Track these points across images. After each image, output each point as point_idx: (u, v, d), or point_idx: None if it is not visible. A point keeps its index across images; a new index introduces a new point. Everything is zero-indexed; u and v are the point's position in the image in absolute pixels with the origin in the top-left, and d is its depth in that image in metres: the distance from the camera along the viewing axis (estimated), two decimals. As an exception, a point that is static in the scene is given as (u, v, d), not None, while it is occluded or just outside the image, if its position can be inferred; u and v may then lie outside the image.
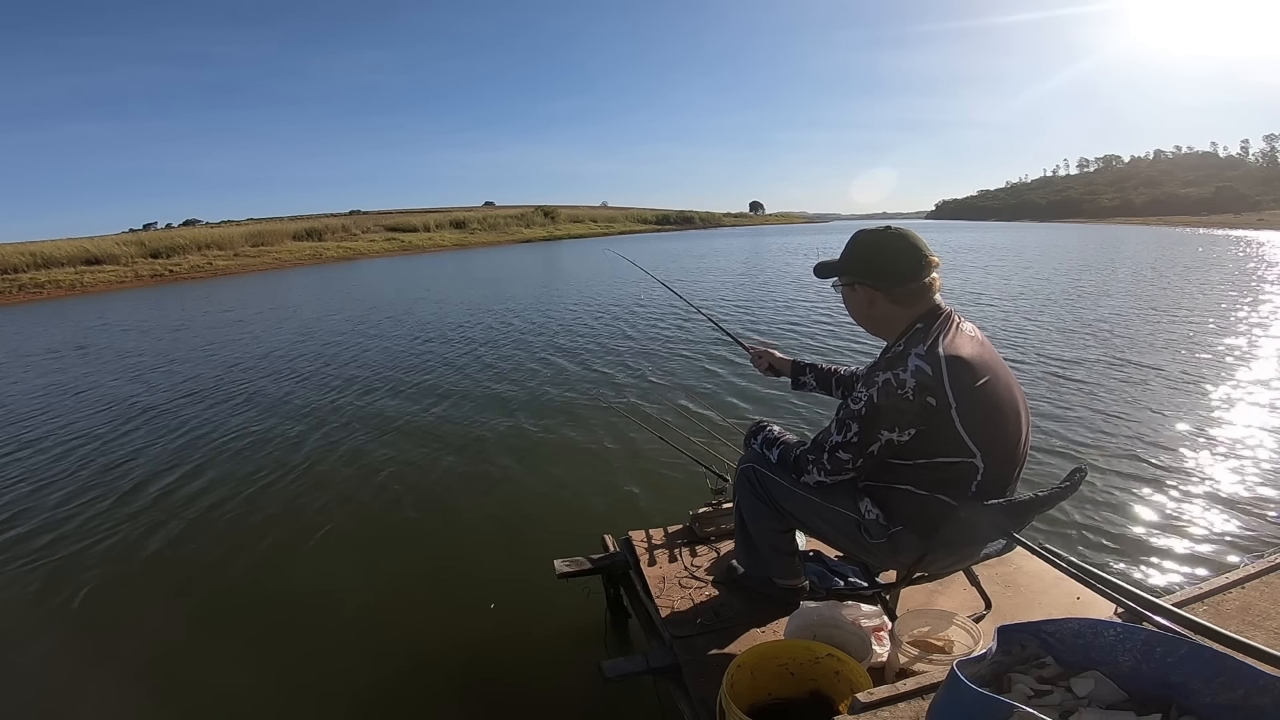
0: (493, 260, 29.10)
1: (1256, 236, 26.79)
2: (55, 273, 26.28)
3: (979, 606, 1.66)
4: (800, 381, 1.87)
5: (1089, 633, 0.91)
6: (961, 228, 53.31)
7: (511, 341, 8.11)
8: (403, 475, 3.89)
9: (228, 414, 5.45)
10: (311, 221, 45.83)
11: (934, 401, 1.25)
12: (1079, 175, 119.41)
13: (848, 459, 1.36)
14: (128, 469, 4.25)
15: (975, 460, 1.29)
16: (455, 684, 2.15)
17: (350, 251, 38.91)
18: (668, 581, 1.90)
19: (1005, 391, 1.33)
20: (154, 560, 3.05)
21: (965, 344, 1.30)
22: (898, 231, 1.40)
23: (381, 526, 3.29)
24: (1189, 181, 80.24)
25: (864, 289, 1.41)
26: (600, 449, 4.07)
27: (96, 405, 6.05)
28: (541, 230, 57.03)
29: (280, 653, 2.34)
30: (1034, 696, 0.87)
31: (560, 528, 3.06)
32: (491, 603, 2.52)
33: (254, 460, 4.26)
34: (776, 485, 1.54)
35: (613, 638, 2.30)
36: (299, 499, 3.62)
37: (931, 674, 1.07)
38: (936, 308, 1.36)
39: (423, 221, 51.27)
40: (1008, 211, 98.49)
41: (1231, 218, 46.49)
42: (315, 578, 2.82)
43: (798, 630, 1.46)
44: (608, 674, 1.66)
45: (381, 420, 5.02)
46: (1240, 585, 1.25)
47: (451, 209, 65.22)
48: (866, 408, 1.31)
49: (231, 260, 32.77)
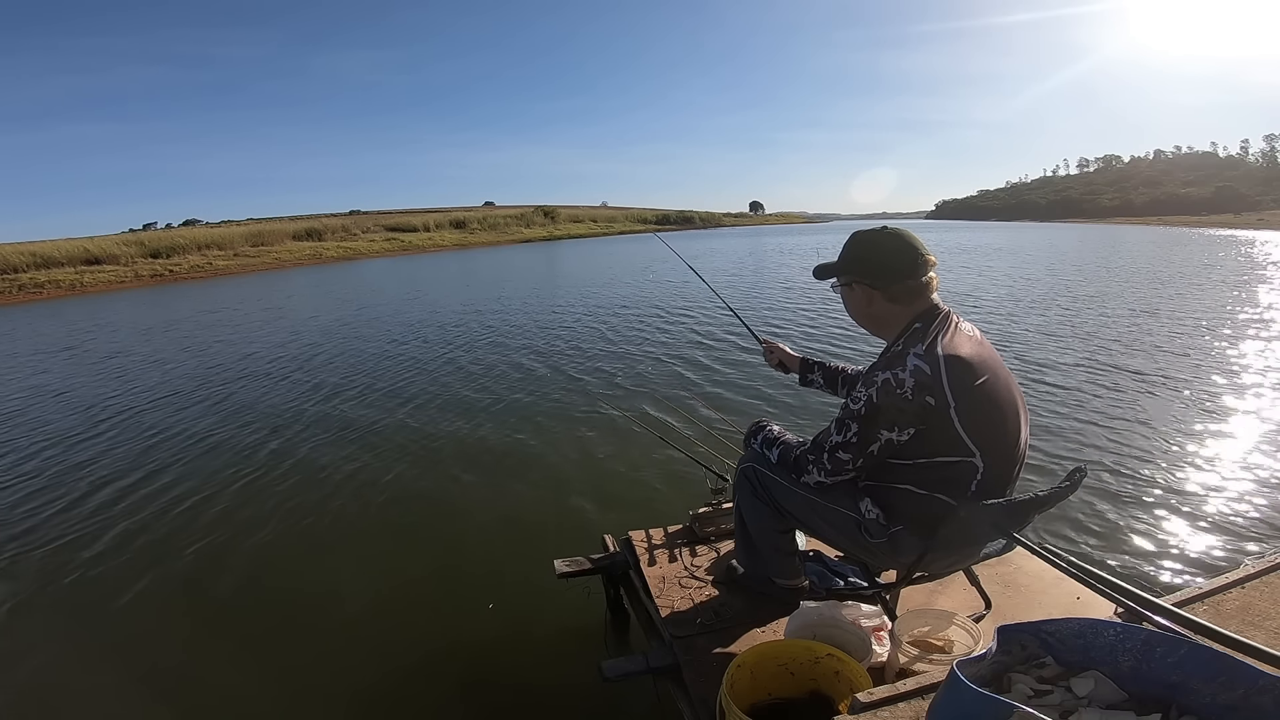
0: (493, 260, 29.10)
1: (1257, 236, 26.79)
2: (55, 273, 26.28)
3: (979, 606, 1.66)
4: (808, 379, 1.86)
5: (1089, 633, 0.91)
6: (961, 228, 53.32)
7: (511, 342, 8.11)
8: (403, 475, 3.89)
9: (231, 412, 5.45)
10: (311, 221, 45.82)
11: (933, 401, 1.25)
12: (1079, 175, 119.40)
13: (847, 459, 1.36)
14: (135, 466, 4.25)
15: (975, 459, 1.29)
16: (456, 684, 2.15)
17: (350, 251, 38.91)
18: (668, 581, 1.90)
19: (1004, 391, 1.33)
20: (154, 560, 3.04)
21: (964, 343, 1.30)
22: (893, 231, 1.41)
23: (382, 527, 3.29)
24: (1189, 181, 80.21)
25: (861, 288, 1.41)
26: (600, 449, 4.06)
27: (92, 403, 6.05)
28: (541, 230, 57.04)
29: (281, 653, 2.34)
30: (1034, 696, 0.87)
31: (560, 528, 3.06)
32: (491, 602, 2.52)
33: (255, 459, 4.26)
34: (777, 485, 1.54)
35: (613, 638, 2.30)
36: (300, 500, 3.62)
37: (931, 674, 1.07)
38: (935, 307, 1.37)
39: (423, 221, 51.29)
40: (1008, 212, 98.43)
41: (1231, 218, 46.48)
42: (315, 578, 2.82)
43: (798, 630, 1.46)
44: (608, 674, 1.66)
45: (381, 421, 5.01)
46: (1240, 585, 1.25)
47: (451, 209, 65.24)
48: (866, 407, 1.31)
49: (231, 260, 32.77)
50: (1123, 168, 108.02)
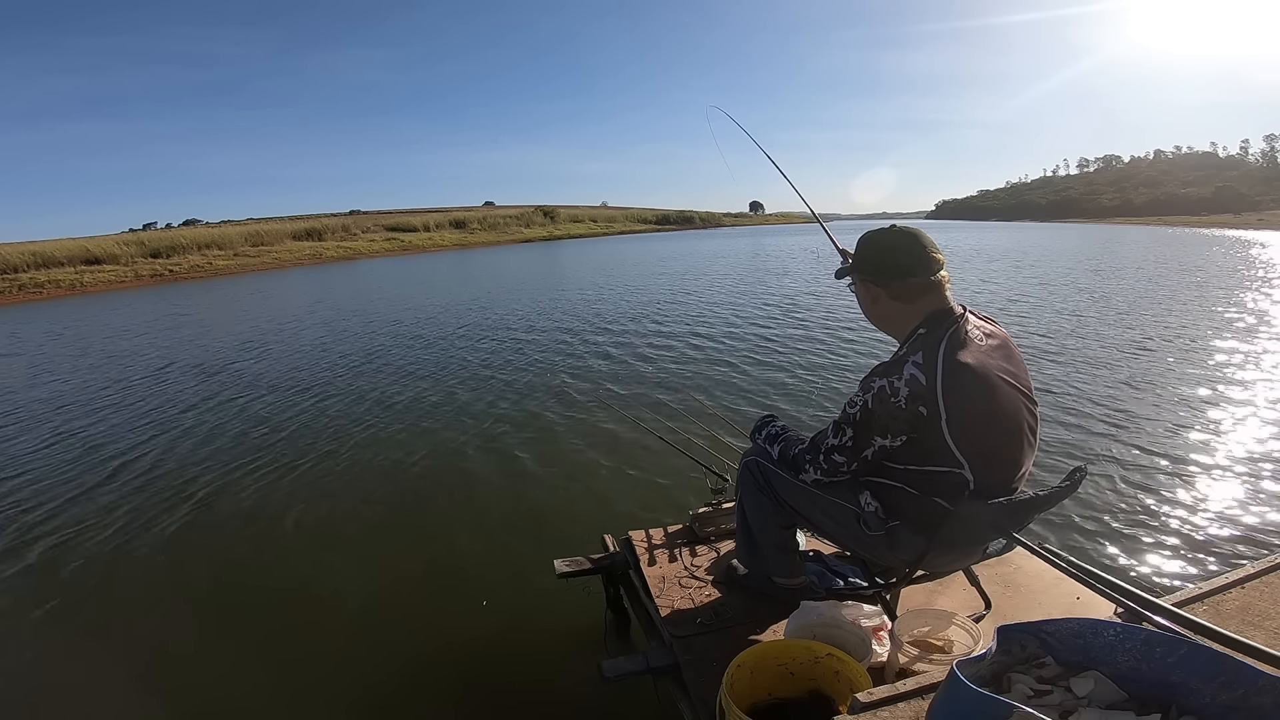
0: (493, 260, 29.10)
1: (1257, 237, 26.77)
2: (55, 272, 26.30)
3: (979, 606, 1.65)
4: None
5: (1089, 633, 0.91)
6: (961, 228, 53.32)
7: (511, 342, 8.11)
8: (402, 475, 3.89)
9: (232, 414, 5.46)
10: (311, 221, 45.84)
11: (925, 411, 1.25)
12: (1079, 175, 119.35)
13: (842, 461, 1.38)
14: (136, 465, 4.26)
15: (964, 471, 1.28)
16: (456, 684, 2.15)
17: (350, 251, 38.93)
18: (668, 581, 1.90)
19: (1006, 402, 1.31)
20: (153, 561, 3.04)
21: (970, 351, 1.28)
22: (901, 229, 1.41)
23: (382, 527, 3.29)
24: (1189, 181, 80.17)
25: (866, 285, 1.42)
26: (600, 449, 4.06)
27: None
28: (541, 230, 57.06)
29: (282, 652, 2.34)
30: (1034, 696, 0.87)
31: (560, 528, 3.06)
32: (491, 602, 2.52)
33: (256, 459, 4.26)
34: (779, 478, 1.55)
35: (613, 638, 2.29)
36: (300, 500, 3.62)
37: (931, 674, 1.07)
38: (946, 309, 1.34)
39: (422, 221, 51.31)
40: (1008, 211, 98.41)
41: (1231, 218, 46.47)
42: (316, 578, 2.82)
43: (798, 630, 1.46)
44: (607, 674, 1.66)
45: (380, 422, 5.01)
46: (1240, 585, 1.25)
47: (451, 209, 65.23)
48: (861, 413, 1.31)
49: (231, 260, 32.79)
50: (1123, 168, 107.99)
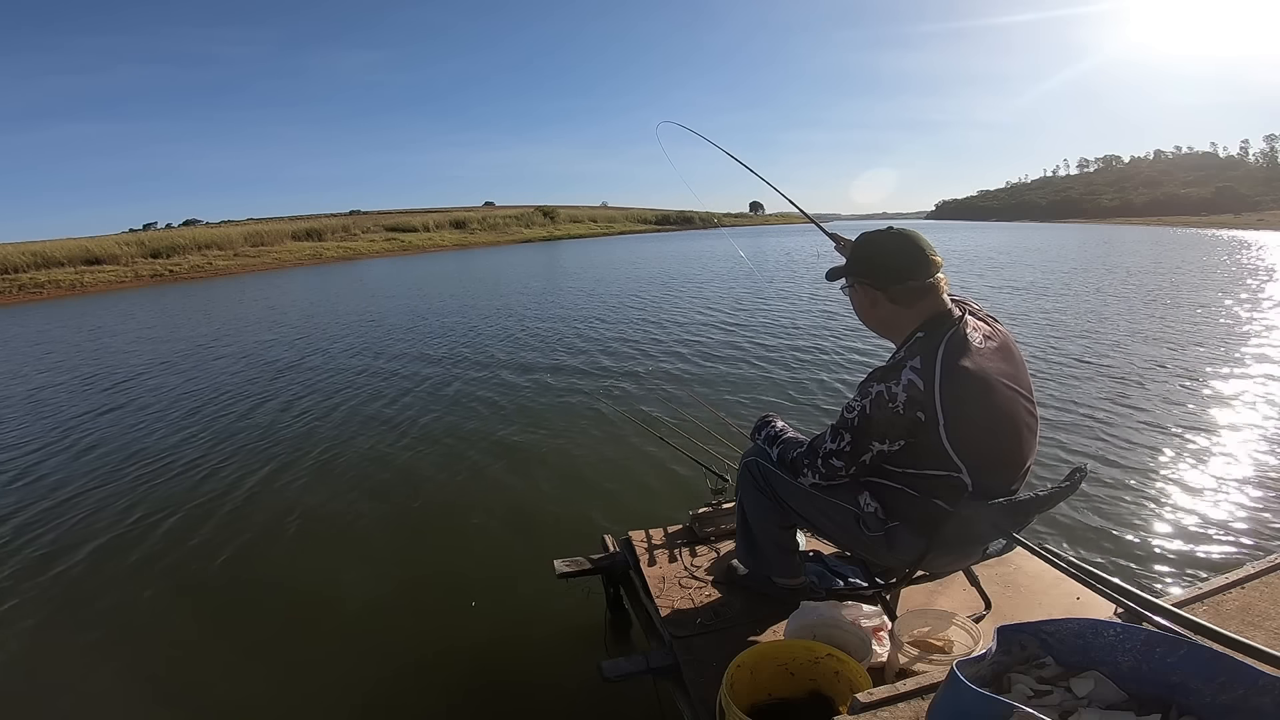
0: (493, 260, 29.10)
1: (1257, 238, 26.76)
2: (55, 273, 26.29)
3: (979, 606, 1.66)
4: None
5: (1089, 633, 0.91)
6: (961, 228, 53.31)
7: (511, 343, 8.11)
8: (403, 476, 3.89)
9: (236, 413, 5.46)
10: (311, 221, 45.87)
11: (923, 416, 1.25)
12: (1079, 175, 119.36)
13: (840, 466, 1.37)
14: (136, 463, 4.26)
15: (961, 476, 1.27)
16: (456, 684, 2.15)
17: (350, 251, 38.92)
18: (668, 581, 1.90)
19: (1005, 406, 1.30)
20: (150, 561, 3.04)
21: (968, 355, 1.27)
22: (898, 231, 1.40)
23: (382, 527, 3.29)
24: (1189, 182, 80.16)
25: (864, 288, 1.41)
26: (600, 449, 4.06)
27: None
28: (541, 230, 57.07)
29: (282, 652, 2.34)
30: (1034, 696, 0.87)
31: (560, 528, 3.06)
32: (491, 602, 2.52)
33: (257, 459, 4.26)
34: (778, 478, 1.54)
35: (613, 638, 2.30)
36: (300, 500, 3.62)
37: (931, 674, 1.07)
38: (944, 312, 1.34)
39: (422, 221, 51.32)
40: (1008, 212, 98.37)
41: (1231, 218, 46.46)
42: (316, 578, 2.82)
43: (798, 630, 1.46)
44: (607, 674, 1.66)
45: (381, 423, 5.01)
46: (1240, 585, 1.25)
47: (451, 209, 65.27)
48: (859, 418, 1.31)
49: (231, 260, 32.78)
50: (1123, 168, 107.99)
